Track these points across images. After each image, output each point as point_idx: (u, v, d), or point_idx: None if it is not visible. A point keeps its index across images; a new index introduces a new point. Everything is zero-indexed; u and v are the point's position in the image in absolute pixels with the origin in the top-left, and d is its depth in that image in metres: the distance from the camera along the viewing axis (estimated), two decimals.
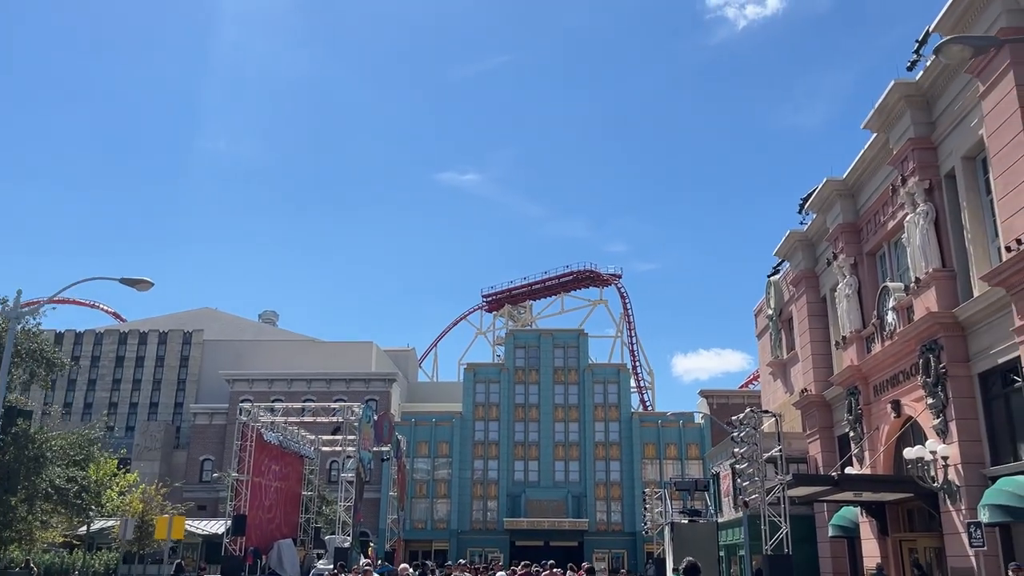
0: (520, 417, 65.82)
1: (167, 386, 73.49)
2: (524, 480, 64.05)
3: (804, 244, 31.29)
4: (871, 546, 24.22)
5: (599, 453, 63.66)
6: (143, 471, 61.17)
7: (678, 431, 62.83)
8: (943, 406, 19.57)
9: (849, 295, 26.02)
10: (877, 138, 23.70)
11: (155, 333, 75.39)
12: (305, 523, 34.96)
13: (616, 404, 64.90)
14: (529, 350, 67.54)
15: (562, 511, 61.85)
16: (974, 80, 18.76)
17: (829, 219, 27.66)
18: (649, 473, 62.15)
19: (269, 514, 33.00)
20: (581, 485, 63.17)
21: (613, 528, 62.25)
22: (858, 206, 26.51)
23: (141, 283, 16.19)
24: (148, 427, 67.86)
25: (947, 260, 20.47)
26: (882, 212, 24.57)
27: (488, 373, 67.45)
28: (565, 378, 66.31)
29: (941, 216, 20.79)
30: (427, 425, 65.26)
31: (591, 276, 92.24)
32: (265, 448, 30.77)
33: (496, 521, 62.86)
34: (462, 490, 63.59)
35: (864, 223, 25.97)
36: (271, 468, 31.48)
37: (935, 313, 19.62)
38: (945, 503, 19.62)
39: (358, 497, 28.08)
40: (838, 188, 26.63)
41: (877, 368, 23.83)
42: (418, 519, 63.41)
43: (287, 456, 33.70)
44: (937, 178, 20.99)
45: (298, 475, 35.54)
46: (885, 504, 23.83)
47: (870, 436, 24.31)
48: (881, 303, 23.91)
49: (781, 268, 35.86)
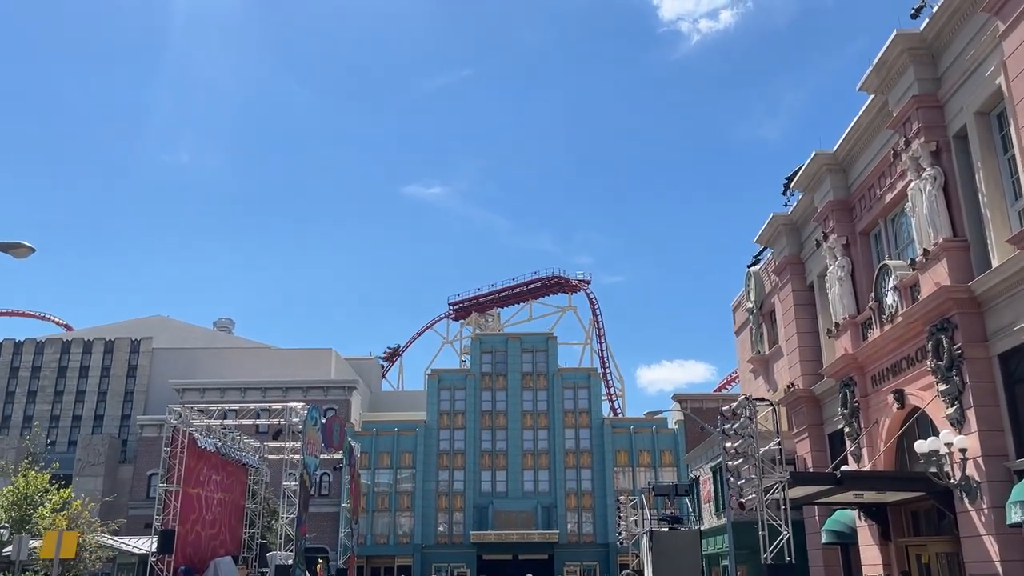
0: (487, 425, 62.94)
1: (113, 397, 69.37)
2: (491, 491, 61.16)
3: (789, 228, 29.17)
4: (871, 553, 21.93)
5: (569, 461, 60.99)
6: (86, 487, 57.32)
7: (651, 437, 60.43)
8: (958, 392, 17.35)
9: (842, 278, 23.85)
10: (874, 101, 21.60)
11: (100, 342, 71.28)
12: (249, 539, 31.82)
13: (587, 410, 62.36)
14: (496, 355, 64.79)
15: (531, 523, 59.08)
16: (990, 22, 16.67)
17: (818, 197, 25.53)
18: (621, 481, 59.66)
19: (212, 529, 29.87)
20: (551, 495, 60.46)
21: (584, 539, 59.59)
22: (850, 181, 24.41)
23: (18, 248, 13.33)
24: (91, 440, 63.73)
25: (958, 229, 18.33)
26: (878, 185, 22.46)
27: (453, 380, 64.56)
28: (534, 383, 63.61)
29: (950, 181, 18.66)
30: (390, 435, 62.12)
31: (560, 282, 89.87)
32: (203, 456, 27.66)
33: (462, 535, 59.88)
34: (426, 502, 60.51)
35: (857, 199, 23.85)
36: (211, 478, 28.36)
37: (948, 287, 17.43)
38: (962, 501, 17.36)
39: (302, 508, 25.09)
40: (828, 162, 24.51)
41: (876, 356, 21.63)
42: (380, 533, 60.18)
43: (229, 466, 30.57)
44: (945, 139, 18.88)
45: (242, 486, 32.39)
46: (887, 506, 21.57)
47: (868, 431, 22.08)
48: (879, 284, 21.74)
49: (762, 257, 33.76)
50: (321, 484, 59.05)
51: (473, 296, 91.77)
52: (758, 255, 33.68)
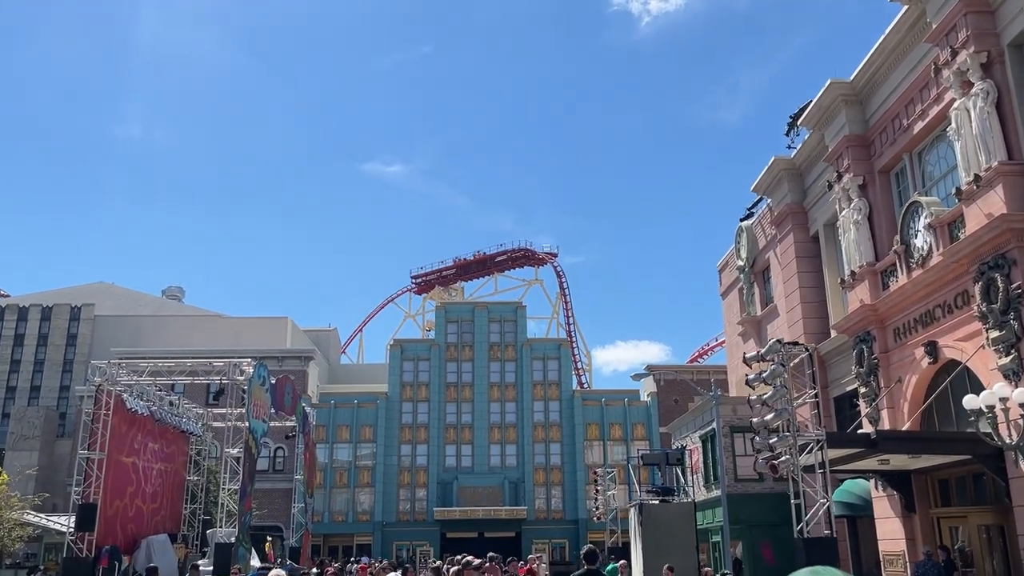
0: (452, 397, 60.02)
1: (51, 367, 64.84)
2: (456, 466, 58.40)
3: (791, 173, 26.66)
4: (891, 526, 19.59)
5: (538, 435, 58.41)
6: (20, 462, 53.25)
7: (623, 410, 58.12)
8: (1016, 340, 14.91)
9: (859, 221, 21.32)
10: (905, 16, 18.97)
11: (37, 308, 66.55)
12: (191, 515, 28.61)
13: (556, 382, 59.76)
14: (462, 324, 61.75)
15: (498, 499, 56.51)
16: None
17: (830, 134, 22.94)
18: (592, 456, 57.34)
19: (154, 504, 26.53)
20: (519, 470, 57.89)
21: (553, 516, 57.24)
22: (868, 115, 21.84)
23: None
24: (26, 413, 59.31)
25: (1014, 152, 15.83)
26: (905, 113, 19.91)
27: (417, 350, 61.40)
28: (501, 354, 60.77)
29: (1004, 98, 16.13)
30: (349, 407, 58.88)
31: (526, 255, 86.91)
32: (136, 421, 24.30)
33: (425, 511, 57.09)
34: (387, 478, 57.51)
35: (877, 134, 21.29)
36: (147, 446, 25.02)
37: (1006, 216, 14.91)
38: (1017, 465, 14.99)
39: (247, 478, 21.95)
40: (844, 93, 21.87)
41: (902, 305, 19.17)
42: (338, 511, 57.08)
43: (169, 433, 27.23)
44: (998, 48, 16.32)
45: (183, 456, 29.05)
46: (911, 473, 19.22)
47: (890, 391, 19.67)
48: (906, 225, 19.24)
49: (756, 210, 31.26)
50: (275, 459, 55.74)
51: (436, 269, 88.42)
52: (752, 207, 31.19)
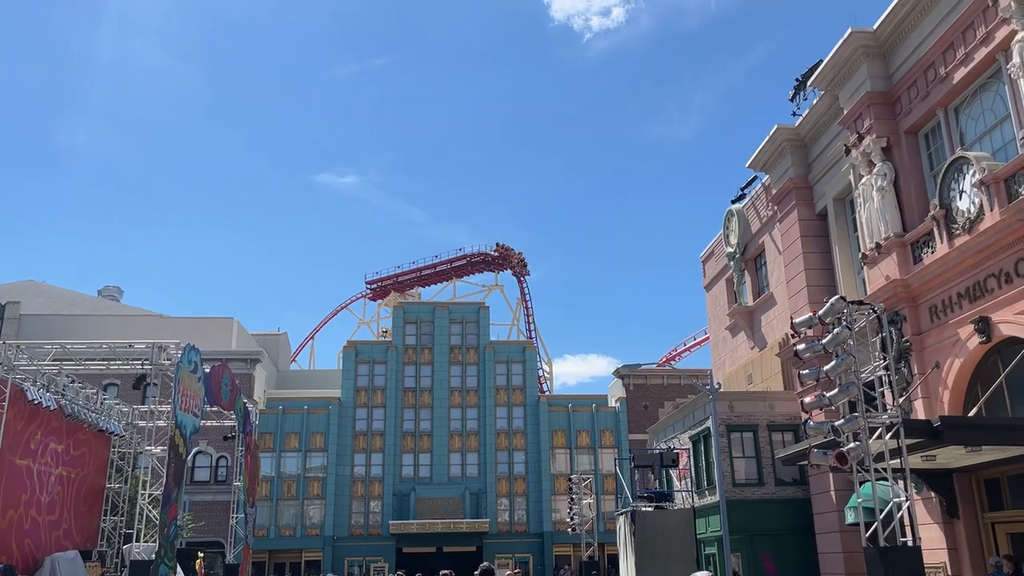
0: (410, 403, 56.46)
1: None
2: (414, 476, 54.77)
3: (795, 144, 24.19)
4: (930, 535, 16.92)
5: (501, 442, 55.17)
6: None
7: (591, 416, 55.21)
8: None
9: (883, 188, 18.80)
10: None
11: None
12: (111, 529, 24.75)
13: (521, 387, 56.65)
14: (421, 326, 58.33)
15: (458, 511, 53.04)
16: None
17: (846, 94, 20.47)
18: (558, 465, 54.30)
19: (51, 515, 22.72)
20: (481, 480, 54.52)
21: (517, 528, 53.96)
22: (892, 70, 19.41)
23: None
24: None
25: None
26: (942, 61, 17.47)
27: (372, 352, 57.75)
28: (463, 358, 57.46)
29: None
30: (298, 413, 54.92)
31: (486, 259, 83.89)
32: (37, 416, 20.58)
33: (380, 525, 53.34)
34: (339, 489, 53.65)
35: (904, 89, 18.84)
36: (46, 447, 21.23)
37: None
38: None
39: (172, 482, 18.30)
40: (866, 44, 19.43)
41: (942, 278, 16.64)
42: (286, 525, 52.99)
43: (80, 431, 23.44)
44: None
45: (101, 460, 25.23)
46: (953, 473, 16.63)
47: (926, 378, 17.08)
48: (946, 186, 16.74)
49: (748, 191, 28.76)
50: (217, 468, 51.54)
51: (392, 275, 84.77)
52: (745, 187, 28.67)
